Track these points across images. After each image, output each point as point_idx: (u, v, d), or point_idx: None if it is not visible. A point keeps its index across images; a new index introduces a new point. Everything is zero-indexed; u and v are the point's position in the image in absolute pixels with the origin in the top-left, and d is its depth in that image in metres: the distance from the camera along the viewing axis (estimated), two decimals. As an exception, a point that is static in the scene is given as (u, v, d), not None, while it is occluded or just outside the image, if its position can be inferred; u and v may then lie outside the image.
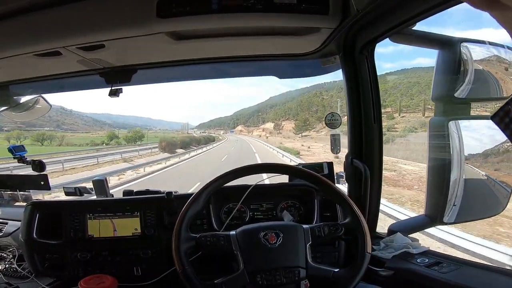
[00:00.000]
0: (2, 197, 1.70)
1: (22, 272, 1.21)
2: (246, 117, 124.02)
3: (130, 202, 1.24)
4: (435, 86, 1.13)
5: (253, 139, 61.30)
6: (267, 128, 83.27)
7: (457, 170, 1.11)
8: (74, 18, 0.94)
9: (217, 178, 1.01)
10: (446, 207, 1.11)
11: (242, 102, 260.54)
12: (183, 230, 0.93)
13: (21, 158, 1.50)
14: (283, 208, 1.32)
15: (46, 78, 1.43)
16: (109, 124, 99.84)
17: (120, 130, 69.31)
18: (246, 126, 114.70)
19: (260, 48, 1.27)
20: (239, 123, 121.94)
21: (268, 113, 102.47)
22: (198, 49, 1.22)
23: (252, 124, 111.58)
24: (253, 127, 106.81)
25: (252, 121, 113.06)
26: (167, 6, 0.91)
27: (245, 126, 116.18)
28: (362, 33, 1.08)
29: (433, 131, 1.16)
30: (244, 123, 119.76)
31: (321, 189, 1.05)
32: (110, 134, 58.90)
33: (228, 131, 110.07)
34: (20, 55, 1.08)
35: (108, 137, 56.06)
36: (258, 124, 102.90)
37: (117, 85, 1.39)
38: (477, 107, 1.76)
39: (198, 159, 23.07)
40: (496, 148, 1.21)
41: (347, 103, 1.26)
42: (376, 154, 1.23)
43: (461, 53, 1.04)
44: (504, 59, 1.13)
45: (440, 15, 0.84)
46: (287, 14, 0.93)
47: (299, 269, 0.91)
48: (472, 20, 77.56)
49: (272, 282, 0.89)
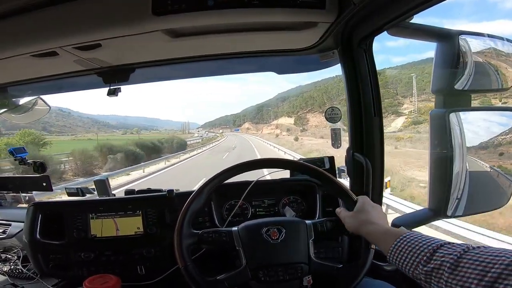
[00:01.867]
0: (5, 199, 1.71)
1: (28, 273, 1.22)
2: (253, 114, 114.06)
3: (132, 201, 1.24)
4: (435, 79, 1.12)
5: (260, 141, 47.22)
6: (282, 124, 71.36)
7: (460, 162, 1.11)
8: (70, 18, 0.93)
9: (218, 174, 1.01)
10: (450, 201, 1.11)
11: (250, 100, 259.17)
12: (185, 226, 0.93)
13: (22, 160, 1.51)
14: (285, 204, 1.32)
15: (44, 79, 1.42)
16: (113, 126, 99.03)
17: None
18: (254, 123, 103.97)
19: (258, 44, 1.26)
20: (246, 120, 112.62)
21: (280, 106, 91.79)
22: (196, 47, 1.21)
23: (262, 120, 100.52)
24: (262, 123, 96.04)
25: (261, 117, 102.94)
26: (163, 3, 0.90)
27: (253, 123, 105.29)
28: (359, 27, 1.07)
29: (434, 124, 1.15)
30: (252, 119, 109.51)
31: (323, 183, 1.05)
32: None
33: (233, 129, 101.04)
34: (17, 56, 1.07)
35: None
36: (269, 120, 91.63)
37: (115, 84, 1.39)
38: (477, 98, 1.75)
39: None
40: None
41: (346, 97, 1.25)
42: (377, 147, 1.23)
43: (460, 46, 1.03)
44: (502, 51, 1.12)
45: (450, 7, 0.83)
46: (284, 9, 0.93)
47: (301, 265, 0.91)
48: (485, 11, 74.88)
49: (274, 278, 0.89)
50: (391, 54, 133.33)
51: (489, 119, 1.19)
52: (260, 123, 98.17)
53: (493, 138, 1.17)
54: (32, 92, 1.60)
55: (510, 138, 1.19)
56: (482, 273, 0.51)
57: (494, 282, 0.49)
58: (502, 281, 0.48)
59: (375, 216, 0.85)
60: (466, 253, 0.57)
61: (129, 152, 25.68)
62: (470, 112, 1.16)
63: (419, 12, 0.88)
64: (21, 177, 1.72)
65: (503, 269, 0.49)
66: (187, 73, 1.65)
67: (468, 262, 0.55)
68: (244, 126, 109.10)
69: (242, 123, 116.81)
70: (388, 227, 0.81)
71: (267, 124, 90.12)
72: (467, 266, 0.55)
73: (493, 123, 1.19)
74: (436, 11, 8.99)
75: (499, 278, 0.49)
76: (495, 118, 1.21)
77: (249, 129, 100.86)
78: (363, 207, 0.88)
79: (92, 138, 61.44)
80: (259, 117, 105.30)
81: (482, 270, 0.52)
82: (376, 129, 1.22)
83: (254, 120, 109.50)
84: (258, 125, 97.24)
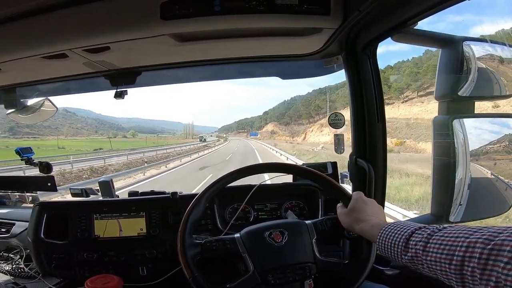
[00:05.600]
0: (10, 199, 1.72)
1: (30, 272, 1.22)
2: (281, 112, 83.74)
3: (136, 202, 1.25)
4: (439, 85, 1.12)
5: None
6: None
7: (463, 169, 1.11)
8: (80, 21, 0.96)
9: (221, 178, 1.02)
10: (452, 206, 1.10)
11: (271, 103, 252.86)
12: (187, 235, 0.93)
13: (29, 160, 1.53)
14: (287, 208, 1.32)
15: (52, 80, 1.45)
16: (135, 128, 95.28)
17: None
18: (282, 124, 71.49)
19: (263, 49, 1.28)
20: (271, 121, 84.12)
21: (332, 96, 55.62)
22: (202, 51, 1.23)
23: (294, 120, 66.96)
24: (295, 124, 63.34)
25: (293, 116, 69.31)
26: (171, 8, 0.92)
27: (280, 124, 73.46)
28: (363, 32, 1.09)
29: (437, 130, 1.15)
30: (278, 120, 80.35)
31: (326, 188, 1.05)
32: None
33: (249, 134, 75.81)
34: (27, 58, 1.10)
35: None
36: (313, 117, 59.64)
37: (122, 87, 1.41)
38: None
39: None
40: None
41: (350, 102, 1.26)
42: (380, 153, 1.23)
43: (464, 52, 1.04)
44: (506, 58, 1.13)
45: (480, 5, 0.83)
46: (289, 15, 0.94)
47: (309, 264, 0.91)
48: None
49: (284, 280, 0.89)
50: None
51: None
52: (293, 123, 65.29)
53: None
54: (40, 93, 1.63)
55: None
56: (449, 257, 0.53)
57: (462, 265, 0.51)
58: (468, 263, 0.50)
59: (368, 212, 0.85)
60: (432, 237, 0.59)
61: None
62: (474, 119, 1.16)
63: (423, 19, 0.89)
64: (26, 177, 1.74)
65: (464, 252, 0.51)
66: (192, 77, 1.67)
67: (435, 247, 0.57)
68: (266, 129, 76.52)
69: (262, 126, 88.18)
70: (376, 221, 0.80)
71: (309, 123, 56.37)
72: (435, 251, 0.57)
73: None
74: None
75: (464, 260, 0.51)
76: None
77: (274, 132, 68.15)
78: (355, 204, 0.88)
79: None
80: (290, 115, 72.35)
81: (447, 254, 0.54)
82: (379, 135, 1.22)
83: (282, 120, 74.99)
84: (290, 126, 64.57)
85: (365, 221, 0.82)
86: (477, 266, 0.48)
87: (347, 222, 0.88)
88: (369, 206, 0.87)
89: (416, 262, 0.62)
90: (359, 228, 0.83)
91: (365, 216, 0.83)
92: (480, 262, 0.48)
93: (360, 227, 0.82)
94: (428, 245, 0.59)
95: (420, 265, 0.61)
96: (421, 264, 0.61)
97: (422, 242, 0.60)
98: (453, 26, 59.86)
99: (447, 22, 63.53)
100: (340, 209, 0.93)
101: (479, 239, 0.50)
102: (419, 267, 0.62)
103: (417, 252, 0.61)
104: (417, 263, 0.62)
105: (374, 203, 0.89)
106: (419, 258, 0.61)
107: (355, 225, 0.84)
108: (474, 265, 0.48)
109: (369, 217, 0.83)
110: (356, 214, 0.86)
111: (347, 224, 0.88)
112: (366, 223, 0.81)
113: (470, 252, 0.50)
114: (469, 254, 0.50)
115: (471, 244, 0.50)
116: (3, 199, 1.73)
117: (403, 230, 0.67)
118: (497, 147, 1.17)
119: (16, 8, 0.92)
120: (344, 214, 0.90)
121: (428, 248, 0.58)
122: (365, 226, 0.81)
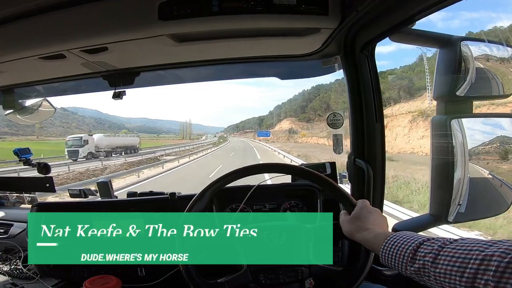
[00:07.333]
0: (8, 199, 1.72)
1: (28, 273, 1.22)
2: (300, 105, 63.11)
3: (134, 203, 1.25)
4: (437, 85, 1.12)
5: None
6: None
7: (461, 169, 1.10)
8: (78, 22, 0.95)
9: (220, 178, 1.01)
10: (451, 206, 1.10)
11: (280, 100, 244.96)
12: None
13: (27, 161, 1.52)
14: (286, 208, 1.32)
15: (50, 81, 1.45)
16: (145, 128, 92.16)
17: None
18: (302, 121, 52.16)
19: (261, 49, 1.28)
20: (285, 117, 66.41)
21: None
22: (200, 51, 1.23)
23: (321, 112, 47.70)
24: (320, 120, 44.62)
25: (319, 108, 51.40)
26: (169, 9, 0.92)
27: (299, 120, 54.44)
28: (362, 33, 1.09)
29: (436, 130, 1.15)
30: (297, 115, 61.55)
31: (324, 188, 1.05)
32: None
33: (255, 134, 61.12)
34: (25, 58, 1.10)
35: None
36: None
37: (120, 87, 1.41)
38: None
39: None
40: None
41: (348, 102, 1.26)
42: (378, 153, 1.23)
43: (462, 52, 1.04)
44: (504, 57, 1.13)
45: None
46: (287, 15, 0.94)
47: (302, 268, 0.91)
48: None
49: (275, 281, 0.89)
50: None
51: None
52: (317, 120, 49.07)
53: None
54: (39, 93, 1.63)
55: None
56: (461, 270, 0.53)
57: (474, 278, 0.51)
58: (481, 276, 0.50)
59: (372, 221, 0.84)
60: (443, 249, 0.59)
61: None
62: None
63: (421, 19, 0.89)
64: (25, 178, 1.73)
65: (478, 265, 0.51)
66: (190, 77, 1.66)
67: (446, 259, 0.57)
68: (281, 126, 61.48)
69: (276, 122, 72.36)
70: (380, 231, 0.79)
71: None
72: (446, 263, 0.57)
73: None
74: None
75: (477, 273, 0.51)
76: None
77: (294, 131, 52.02)
78: (360, 212, 0.87)
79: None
80: (315, 107, 53.88)
81: (460, 266, 0.54)
82: (377, 135, 1.22)
83: (303, 115, 57.84)
84: (315, 124, 47.29)
85: (368, 229, 0.81)
86: (492, 279, 0.48)
87: (349, 229, 0.87)
88: (373, 215, 0.86)
89: (422, 274, 0.61)
90: (361, 236, 0.82)
91: (368, 225, 0.82)
92: (495, 275, 0.48)
93: (363, 235, 0.81)
94: (438, 257, 0.58)
95: (426, 277, 0.61)
96: (427, 276, 0.60)
97: (432, 254, 0.60)
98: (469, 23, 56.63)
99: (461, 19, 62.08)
100: (343, 216, 0.92)
101: (496, 252, 0.50)
102: (424, 279, 0.62)
103: (425, 263, 0.61)
104: (423, 275, 0.61)
105: (379, 213, 0.88)
106: (426, 270, 0.60)
107: (357, 233, 0.83)
108: (488, 278, 0.49)
109: (373, 226, 0.82)
110: (359, 223, 0.84)
111: (349, 232, 0.86)
112: (370, 232, 0.80)
113: (485, 265, 0.50)
114: (484, 267, 0.50)
115: (487, 257, 0.50)
116: (1, 200, 1.73)
117: (411, 241, 0.67)
118: (488, 148, 1.17)
119: (14, 9, 0.92)
120: (347, 221, 0.88)
121: (438, 260, 0.58)
122: (368, 235, 0.80)
